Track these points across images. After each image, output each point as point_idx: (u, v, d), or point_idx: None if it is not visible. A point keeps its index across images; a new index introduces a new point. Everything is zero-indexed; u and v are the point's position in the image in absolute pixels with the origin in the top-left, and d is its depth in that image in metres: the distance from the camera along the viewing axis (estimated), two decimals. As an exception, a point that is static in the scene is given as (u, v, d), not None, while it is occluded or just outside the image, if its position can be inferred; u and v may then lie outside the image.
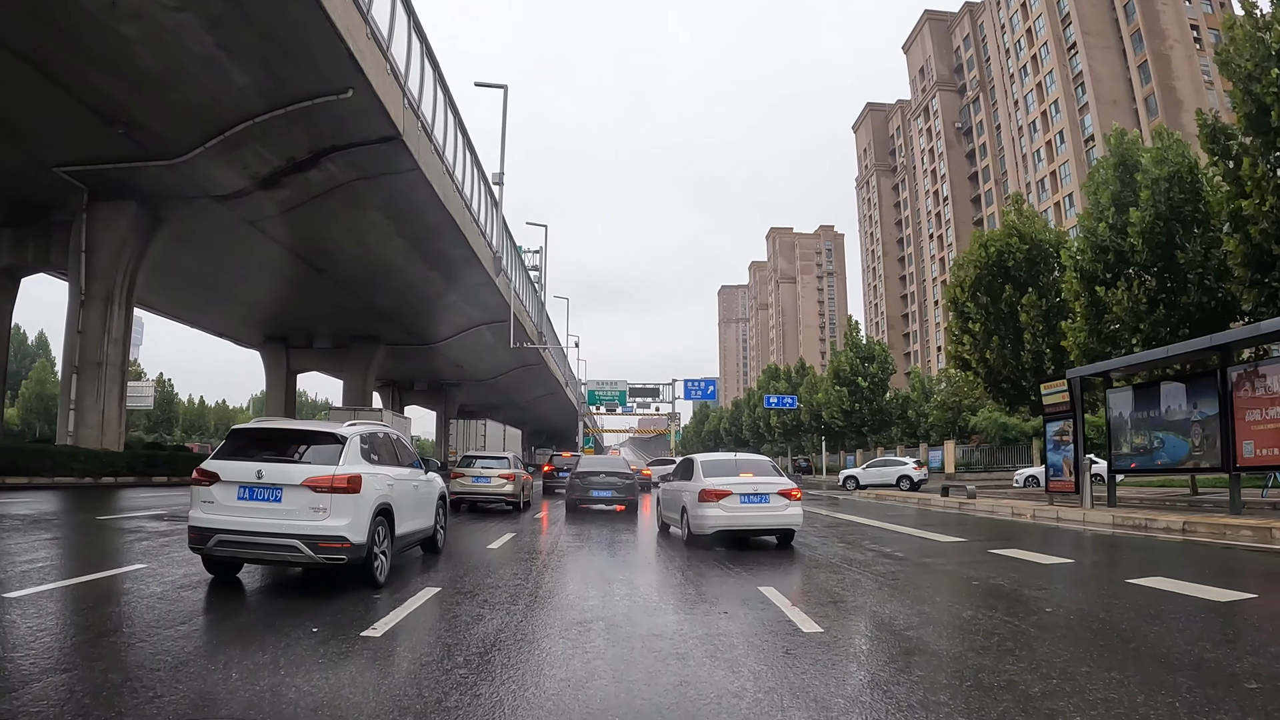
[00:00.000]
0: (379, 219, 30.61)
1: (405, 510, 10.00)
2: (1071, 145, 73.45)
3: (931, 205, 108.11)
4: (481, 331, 49.09)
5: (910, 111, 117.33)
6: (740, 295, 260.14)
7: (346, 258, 34.38)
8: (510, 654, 6.12)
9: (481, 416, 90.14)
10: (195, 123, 23.69)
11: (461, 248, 34.69)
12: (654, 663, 5.89)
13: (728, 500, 13.18)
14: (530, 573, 10.71)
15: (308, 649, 6.10)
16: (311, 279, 36.38)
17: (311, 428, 9.55)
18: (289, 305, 42.64)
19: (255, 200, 27.94)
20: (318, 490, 8.28)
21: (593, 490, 21.66)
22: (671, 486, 16.00)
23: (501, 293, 42.51)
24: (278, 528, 8.18)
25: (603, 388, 64.38)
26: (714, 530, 13.26)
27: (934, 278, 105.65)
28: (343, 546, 8.29)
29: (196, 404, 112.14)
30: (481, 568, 11.10)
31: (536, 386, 75.12)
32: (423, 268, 36.38)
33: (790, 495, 13.48)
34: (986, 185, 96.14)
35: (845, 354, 54.80)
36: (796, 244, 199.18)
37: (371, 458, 9.35)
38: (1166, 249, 23.02)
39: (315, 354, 51.21)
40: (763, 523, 13.54)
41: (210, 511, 8.31)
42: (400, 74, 24.83)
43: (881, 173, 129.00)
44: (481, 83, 38.79)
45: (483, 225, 38.30)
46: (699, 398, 66.84)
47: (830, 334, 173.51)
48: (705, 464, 14.66)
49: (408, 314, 43.55)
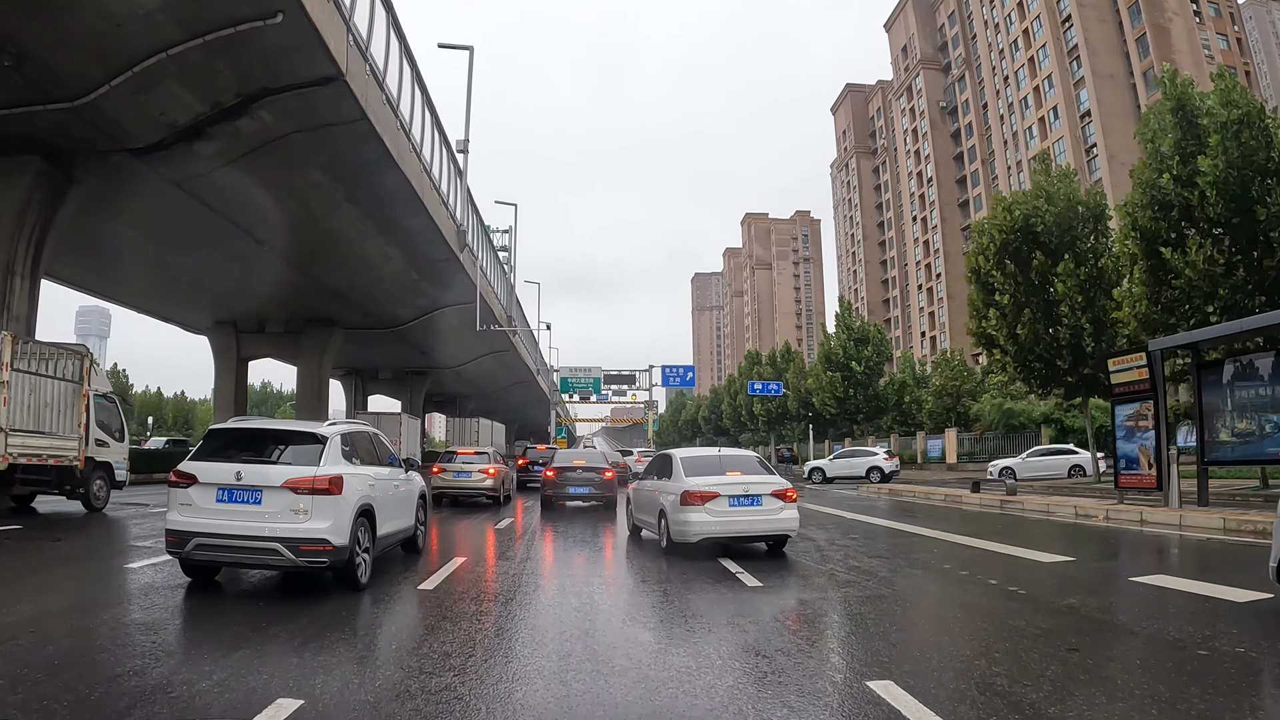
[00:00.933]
0: (324, 181, 26.71)
1: (386, 510, 9.86)
2: (1066, 121, 70.56)
3: (915, 187, 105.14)
4: (446, 314, 45.20)
5: (892, 91, 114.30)
6: (715, 283, 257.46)
7: (291, 227, 30.35)
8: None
9: (450, 407, 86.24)
10: (98, 55, 19.62)
11: (420, 217, 30.86)
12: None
13: (714, 504, 11.72)
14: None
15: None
16: (254, 254, 32.34)
17: (291, 427, 9.46)
18: (235, 284, 38.51)
19: (180, 156, 23.94)
20: (298, 492, 8.13)
21: (569, 487, 21.15)
22: (646, 486, 14.27)
23: (466, 270, 38.70)
24: (258, 530, 8.04)
25: (576, 375, 60.36)
26: (699, 538, 11.79)
27: (917, 261, 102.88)
28: (324, 549, 8.16)
29: (153, 395, 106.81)
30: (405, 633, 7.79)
31: (507, 375, 71.29)
32: (378, 240, 32.49)
33: (785, 496, 12.05)
34: (973, 165, 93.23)
35: (838, 336, 51.20)
36: (772, 229, 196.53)
37: (353, 458, 9.24)
38: (1241, 202, 19.65)
39: (268, 339, 47.04)
40: (755, 528, 12.03)
41: (188, 514, 8.19)
42: (343, 5, 21.11)
43: (861, 155, 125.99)
44: (445, 44, 35.06)
45: (445, 195, 34.50)
46: (678, 384, 63.25)
47: (807, 321, 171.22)
48: (686, 461, 12.97)
49: (363, 294, 39.57)
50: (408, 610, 8.55)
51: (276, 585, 9.19)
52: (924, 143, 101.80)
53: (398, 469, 11.10)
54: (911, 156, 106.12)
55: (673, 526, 12.14)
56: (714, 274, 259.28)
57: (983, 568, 10.94)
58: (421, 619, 8.14)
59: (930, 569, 11.08)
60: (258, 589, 9.05)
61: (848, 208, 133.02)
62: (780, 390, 59.07)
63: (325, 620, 7.47)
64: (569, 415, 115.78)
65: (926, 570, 11.03)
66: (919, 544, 14.13)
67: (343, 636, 7.08)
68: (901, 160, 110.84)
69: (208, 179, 25.29)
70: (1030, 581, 9.73)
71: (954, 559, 11.93)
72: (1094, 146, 68.33)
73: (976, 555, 12.45)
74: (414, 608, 8.62)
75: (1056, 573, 10.46)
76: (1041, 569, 10.83)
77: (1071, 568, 10.93)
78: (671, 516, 12.19)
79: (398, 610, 8.48)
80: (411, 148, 28.10)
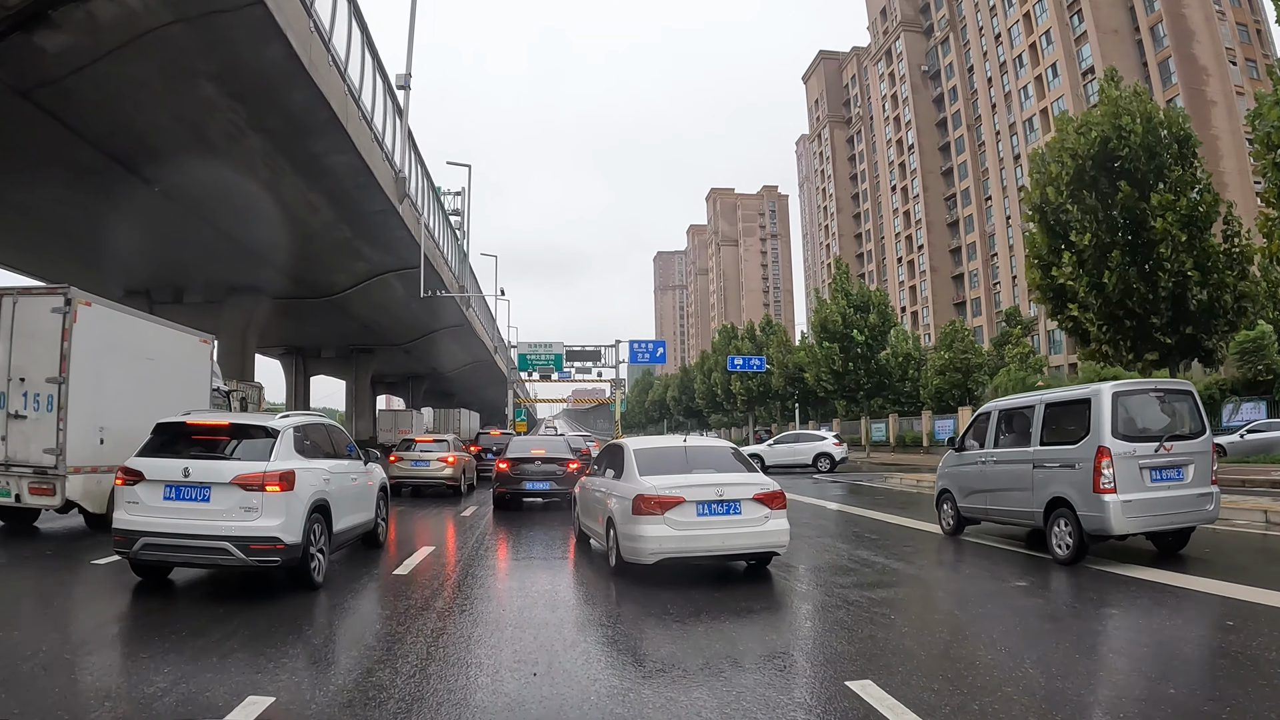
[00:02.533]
0: (218, 98, 20.96)
1: (344, 505, 9.63)
2: (1067, 77, 65.82)
3: (894, 155, 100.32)
4: (389, 282, 39.37)
5: (869, 57, 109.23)
6: (678, 261, 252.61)
7: (183, 162, 24.53)
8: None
9: (402, 389, 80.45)
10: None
11: (345, 154, 25.20)
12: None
13: (678, 512, 9.04)
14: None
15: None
16: (147, 200, 26.37)
17: (242, 421, 9.27)
18: (137, 243, 32.31)
19: (20, 53, 18.05)
20: (248, 488, 7.98)
21: (526, 482, 18.01)
22: (594, 484, 11.51)
23: (408, 227, 32.98)
24: (207, 529, 7.89)
25: (535, 351, 53.73)
26: (657, 559, 9.06)
27: (896, 233, 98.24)
28: (276, 548, 8.00)
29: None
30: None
31: (462, 353, 65.48)
32: (297, 183, 26.73)
33: (771, 501, 9.36)
34: (957, 131, 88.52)
35: (836, 303, 45.48)
36: (739, 205, 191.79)
37: (307, 451, 9.04)
38: None
39: (186, 311, 40.57)
40: (732, 544, 9.34)
41: (135, 513, 8.00)
42: None
43: (835, 125, 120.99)
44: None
45: (380, 133, 28.75)
46: (646, 361, 57.37)
47: (775, 299, 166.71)
48: (642, 455, 10.25)
49: (290, 254, 33.60)
50: (367, 604, 8.70)
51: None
52: (904, 109, 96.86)
53: (356, 461, 10.78)
54: (890, 124, 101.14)
55: (623, 542, 9.45)
56: (677, 252, 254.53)
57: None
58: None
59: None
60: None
61: (820, 179, 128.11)
62: (763, 366, 53.56)
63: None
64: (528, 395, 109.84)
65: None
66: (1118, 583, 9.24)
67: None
68: (879, 129, 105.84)
69: (62, 88, 19.50)
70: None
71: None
72: (1096, 106, 63.62)
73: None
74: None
75: None
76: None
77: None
78: (622, 528, 9.48)
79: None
80: (332, 62, 22.59)
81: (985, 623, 7.64)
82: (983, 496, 11.77)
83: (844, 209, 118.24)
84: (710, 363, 75.53)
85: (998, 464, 11.48)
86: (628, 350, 53.86)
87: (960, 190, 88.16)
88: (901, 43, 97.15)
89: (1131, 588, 8.78)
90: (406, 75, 32.53)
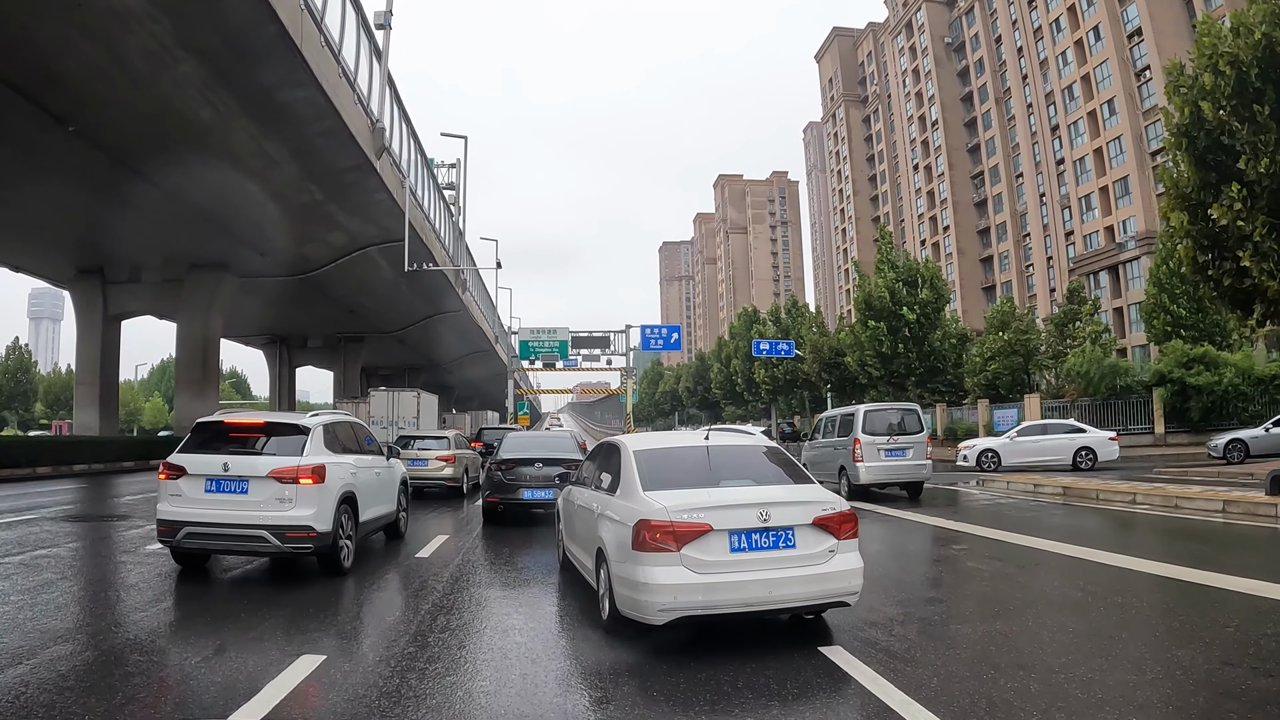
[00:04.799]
0: (134, 4, 16.33)
1: (368, 497, 10.08)
2: (1111, 40, 60.72)
3: (916, 133, 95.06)
4: (372, 258, 34.59)
5: (887, 31, 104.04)
6: (684, 251, 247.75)
7: (106, 98, 19.90)
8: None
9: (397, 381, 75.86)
10: None
11: (305, 88, 20.56)
12: None
13: (701, 545, 5.93)
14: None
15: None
16: (63, 144, 21.70)
17: (276, 419, 9.72)
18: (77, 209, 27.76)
19: None
20: (283, 481, 8.46)
21: (524, 490, 14.01)
22: (581, 498, 8.09)
23: (389, 189, 28.24)
24: (245, 519, 8.38)
25: (538, 337, 48.11)
26: (671, 617, 5.89)
27: (919, 214, 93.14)
28: (308, 535, 8.48)
29: (63, 374, 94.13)
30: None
31: (460, 343, 60.81)
32: (249, 127, 22.05)
33: (838, 527, 6.21)
34: (984, 106, 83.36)
35: (883, 275, 40.05)
36: (747, 191, 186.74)
37: (335, 447, 9.47)
38: None
39: (145, 291, 36.24)
40: (781, 594, 6.03)
41: (178, 505, 8.49)
42: None
43: (850, 104, 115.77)
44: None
45: (351, 71, 24.05)
46: (660, 347, 51.76)
47: (785, 287, 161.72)
48: (645, 458, 6.94)
49: (250, 222, 28.92)
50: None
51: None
52: (927, 83, 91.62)
53: (379, 456, 11.23)
54: (912, 100, 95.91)
55: (619, 589, 6.24)
56: (683, 243, 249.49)
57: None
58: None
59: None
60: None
61: (835, 161, 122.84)
62: (791, 351, 48.38)
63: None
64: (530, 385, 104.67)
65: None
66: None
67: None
68: (898, 106, 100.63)
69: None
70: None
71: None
72: (1146, 69, 58.73)
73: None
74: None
75: None
76: None
77: None
78: (617, 569, 6.28)
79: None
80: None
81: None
82: (817, 468, 18.28)
83: (860, 191, 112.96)
84: (729, 350, 70.23)
85: (821, 448, 19.84)
86: (639, 336, 48.95)
87: (989, 168, 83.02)
88: (923, 14, 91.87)
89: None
90: (387, 13, 27.86)
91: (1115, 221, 62.05)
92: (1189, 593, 7.85)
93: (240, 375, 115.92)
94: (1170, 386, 30.73)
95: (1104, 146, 62.68)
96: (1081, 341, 35.23)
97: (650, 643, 6.15)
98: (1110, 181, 62.49)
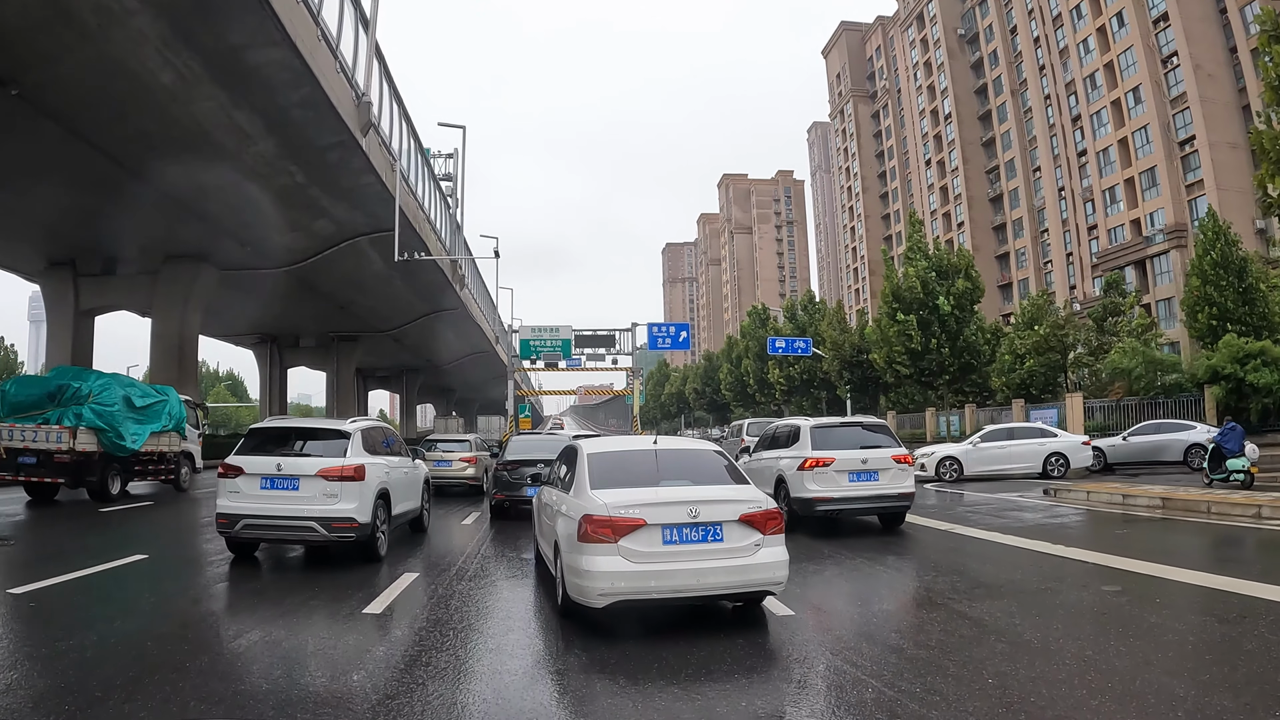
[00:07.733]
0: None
1: (399, 493, 11.35)
2: (1137, 26, 58.19)
3: (928, 127, 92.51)
4: (362, 249, 32.22)
5: (897, 24, 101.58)
6: (687, 253, 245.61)
7: (43, 45, 17.50)
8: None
9: (395, 383, 73.66)
10: None
11: (280, 49, 18.23)
12: None
13: (636, 538, 6.79)
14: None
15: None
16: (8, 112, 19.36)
17: (320, 425, 11.34)
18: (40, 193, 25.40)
19: None
20: (329, 479, 9.65)
21: (527, 488, 15.07)
22: (549, 497, 8.91)
23: (378, 171, 25.84)
24: (297, 512, 9.63)
25: (540, 336, 45.20)
26: (608, 601, 6.78)
27: (932, 210, 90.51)
28: (352, 526, 9.70)
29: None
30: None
31: (459, 343, 58.34)
32: (217, 94, 19.69)
33: (763, 524, 7.03)
34: (999, 99, 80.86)
35: (915, 265, 37.05)
36: (753, 190, 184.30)
37: (371, 449, 10.65)
38: None
39: (119, 285, 33.82)
40: (709, 582, 6.90)
41: (236, 500, 9.75)
42: None
43: (859, 99, 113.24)
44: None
45: (332, 35, 21.62)
46: (667, 346, 48.80)
47: (792, 288, 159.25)
48: (597, 460, 7.86)
49: (227, 207, 26.59)
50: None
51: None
52: (939, 75, 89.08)
53: (406, 457, 12.58)
54: (923, 93, 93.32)
55: (568, 576, 7.18)
56: (686, 244, 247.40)
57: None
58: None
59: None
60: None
61: (844, 159, 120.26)
62: (809, 349, 45.74)
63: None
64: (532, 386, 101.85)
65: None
66: None
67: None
68: (909, 100, 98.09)
69: None
70: None
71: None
72: (1173, 55, 56.23)
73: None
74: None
75: None
76: None
77: None
78: (567, 558, 7.23)
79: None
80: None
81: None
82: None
83: (870, 188, 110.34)
84: (740, 349, 67.52)
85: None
86: (645, 334, 46.35)
87: (1004, 162, 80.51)
88: (935, 5, 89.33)
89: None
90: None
91: (1142, 214, 59.42)
92: None
93: (237, 377, 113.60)
94: (1225, 384, 28.22)
95: (1129, 136, 60.06)
96: (1122, 337, 32.73)
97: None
98: (1136, 173, 59.89)
